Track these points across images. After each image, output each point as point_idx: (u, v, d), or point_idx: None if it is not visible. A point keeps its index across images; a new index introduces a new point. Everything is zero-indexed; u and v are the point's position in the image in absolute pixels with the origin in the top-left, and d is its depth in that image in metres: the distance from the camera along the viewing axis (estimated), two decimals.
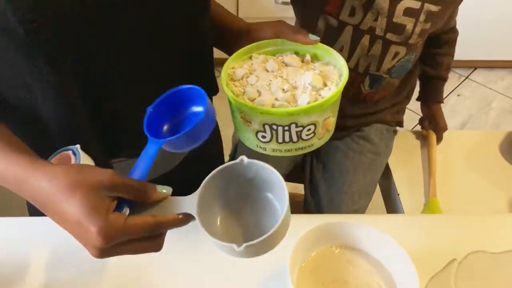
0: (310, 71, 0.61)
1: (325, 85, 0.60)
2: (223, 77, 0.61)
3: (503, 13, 2.16)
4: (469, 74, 2.44)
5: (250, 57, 0.65)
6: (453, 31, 1.05)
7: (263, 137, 0.58)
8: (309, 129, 0.57)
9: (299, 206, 1.18)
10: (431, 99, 1.14)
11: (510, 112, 2.23)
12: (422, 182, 1.06)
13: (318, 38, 0.63)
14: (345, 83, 0.58)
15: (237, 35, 0.69)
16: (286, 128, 0.57)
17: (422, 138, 1.16)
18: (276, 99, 0.57)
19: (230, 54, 0.66)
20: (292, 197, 1.29)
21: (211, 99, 0.77)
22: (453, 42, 1.06)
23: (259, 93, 0.59)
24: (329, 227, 0.61)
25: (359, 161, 1.04)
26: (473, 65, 2.45)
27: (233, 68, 0.63)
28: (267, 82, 0.60)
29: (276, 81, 0.60)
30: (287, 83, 0.60)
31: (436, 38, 1.02)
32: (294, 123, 0.56)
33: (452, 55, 1.08)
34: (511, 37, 2.26)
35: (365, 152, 1.05)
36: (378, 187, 1.12)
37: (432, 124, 1.14)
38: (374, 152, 1.06)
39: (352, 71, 0.96)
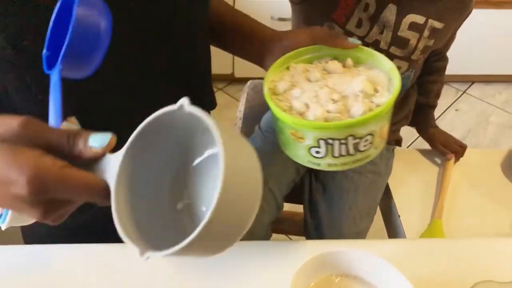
0: (357, 77, 0.57)
1: (376, 91, 0.56)
2: (266, 93, 0.57)
3: (500, 27, 2.16)
4: (467, 89, 2.44)
5: (287, 67, 0.62)
6: (444, 59, 1.06)
7: (317, 152, 0.55)
8: (366, 140, 0.54)
9: (298, 226, 1.15)
10: (422, 125, 1.15)
11: (509, 127, 2.22)
12: (423, 202, 1.03)
13: (360, 42, 0.60)
14: (400, 87, 0.54)
15: (268, 44, 0.65)
16: (343, 141, 0.53)
17: (420, 156, 1.14)
18: (328, 111, 0.53)
19: (259, 63, 0.64)
20: (291, 217, 1.29)
21: (209, 113, 0.74)
22: (443, 70, 1.08)
23: (307, 106, 0.55)
24: (328, 256, 0.59)
25: (359, 182, 1.02)
26: (470, 80, 2.45)
27: (272, 81, 0.59)
28: (314, 93, 0.56)
29: (323, 92, 0.56)
30: (335, 93, 0.56)
31: (426, 66, 1.03)
32: (351, 135, 0.52)
33: (442, 83, 1.09)
34: (508, 51, 2.27)
35: (365, 172, 1.03)
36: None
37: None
38: (374, 172, 1.04)
39: None
